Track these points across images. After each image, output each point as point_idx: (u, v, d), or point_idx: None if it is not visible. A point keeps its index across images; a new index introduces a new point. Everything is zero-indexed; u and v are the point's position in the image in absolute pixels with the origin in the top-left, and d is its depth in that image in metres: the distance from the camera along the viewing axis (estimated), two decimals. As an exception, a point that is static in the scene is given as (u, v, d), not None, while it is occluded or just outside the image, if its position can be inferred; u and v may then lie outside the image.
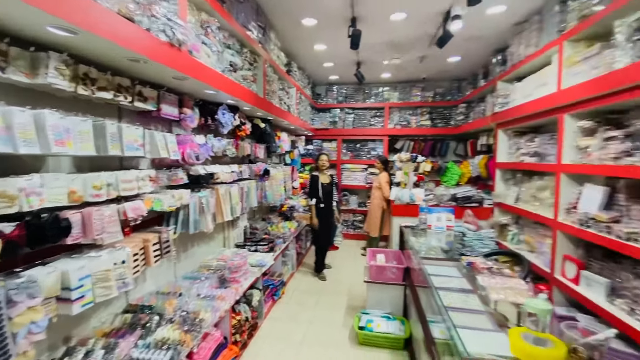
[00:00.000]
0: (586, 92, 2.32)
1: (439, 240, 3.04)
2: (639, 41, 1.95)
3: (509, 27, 3.61)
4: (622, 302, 2.09)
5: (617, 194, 2.31)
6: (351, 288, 3.91)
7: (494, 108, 4.10)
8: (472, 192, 4.43)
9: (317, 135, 6.38)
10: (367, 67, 5.19)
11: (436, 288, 1.72)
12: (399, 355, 2.58)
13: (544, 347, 1.09)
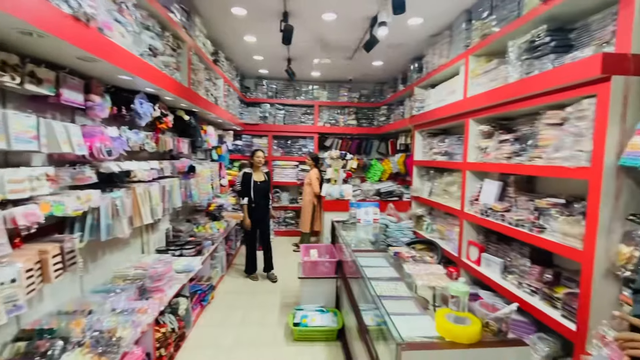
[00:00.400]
0: (485, 101, 2.71)
1: (367, 232, 3.24)
2: (526, 60, 2.35)
3: (425, 38, 4.01)
4: (512, 278, 2.51)
5: (508, 187, 2.78)
6: (284, 285, 3.90)
7: (411, 111, 4.52)
8: (393, 187, 4.82)
9: (247, 131, 6.16)
10: (298, 64, 5.20)
11: (369, 278, 1.82)
12: (333, 346, 2.68)
13: (463, 324, 1.25)
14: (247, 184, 4.03)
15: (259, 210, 4.08)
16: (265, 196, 4.13)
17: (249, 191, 4.00)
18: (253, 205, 4.03)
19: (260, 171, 4.15)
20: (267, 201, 4.16)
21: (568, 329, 1.88)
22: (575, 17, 2.14)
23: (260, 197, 4.05)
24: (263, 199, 4.09)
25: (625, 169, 1.68)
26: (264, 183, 4.13)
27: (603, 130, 1.70)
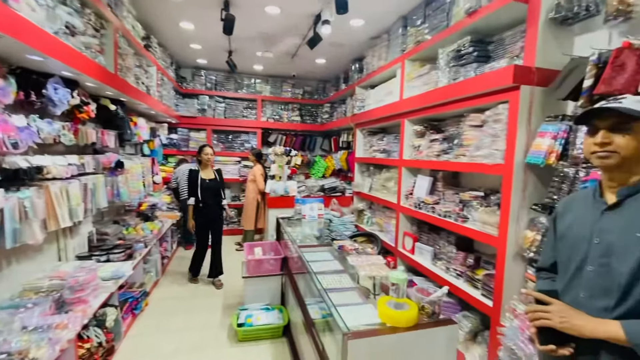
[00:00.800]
0: (419, 103, 2.93)
1: (312, 228, 3.28)
2: (453, 67, 2.60)
3: (366, 40, 4.18)
4: (441, 264, 2.78)
5: (438, 182, 3.06)
6: (227, 286, 3.77)
7: (353, 110, 4.69)
8: (336, 183, 4.97)
9: (183, 124, 5.76)
10: (239, 56, 5.01)
11: (315, 273, 1.86)
12: (279, 343, 2.67)
13: (402, 309, 1.35)
14: (194, 182, 3.71)
15: (209, 211, 3.77)
16: (216, 195, 3.83)
17: (195, 190, 3.69)
18: (201, 205, 3.72)
19: (209, 169, 3.84)
20: (218, 200, 3.85)
21: (486, 306, 2.16)
22: (493, 32, 2.44)
23: (210, 196, 3.75)
24: (213, 198, 3.79)
25: (530, 166, 1.97)
26: (214, 181, 3.82)
27: (514, 132, 1.97)
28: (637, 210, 0.95)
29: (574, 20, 1.89)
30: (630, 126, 0.94)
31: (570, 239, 1.09)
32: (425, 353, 1.32)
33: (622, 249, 0.94)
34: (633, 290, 0.90)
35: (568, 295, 1.05)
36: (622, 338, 0.87)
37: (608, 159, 0.96)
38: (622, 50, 1.53)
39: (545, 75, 1.94)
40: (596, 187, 1.09)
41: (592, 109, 0.99)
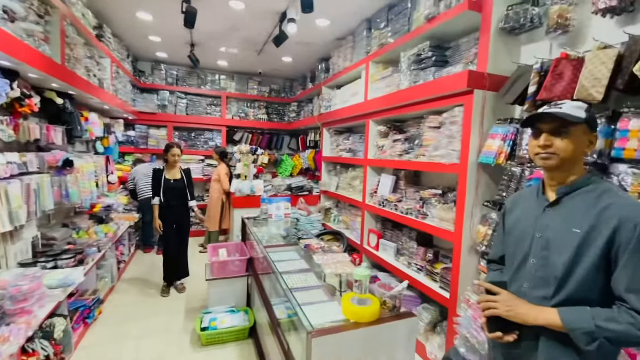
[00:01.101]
0: (383, 104, 3.02)
1: (279, 227, 3.26)
2: (414, 71, 2.70)
3: (332, 40, 4.21)
4: (403, 259, 2.89)
5: (400, 181, 3.17)
6: (190, 289, 3.63)
7: (319, 109, 4.72)
8: (303, 182, 4.97)
9: (142, 120, 5.44)
10: (202, 51, 4.84)
11: (280, 272, 1.85)
12: (244, 344, 2.63)
13: (365, 305, 1.38)
14: (157, 182, 3.52)
15: (174, 212, 3.55)
16: (182, 196, 3.60)
17: (158, 190, 3.49)
18: (165, 207, 3.51)
19: (175, 169, 3.61)
20: (183, 202, 3.62)
21: (444, 297, 2.28)
22: (450, 38, 2.57)
23: (174, 197, 3.53)
24: (178, 200, 3.56)
25: (482, 165, 2.11)
26: (179, 182, 3.58)
27: (468, 133, 2.10)
28: (573, 208, 1.03)
29: (521, 30, 2.05)
30: (568, 130, 1.00)
31: (516, 233, 1.16)
32: (387, 346, 1.37)
33: (559, 243, 1.01)
34: (568, 280, 0.98)
35: (514, 285, 1.12)
36: (558, 324, 0.95)
37: (549, 160, 1.03)
38: (561, 61, 1.69)
39: (496, 81, 2.08)
40: (539, 185, 1.17)
41: (535, 114, 1.07)
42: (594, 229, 0.95)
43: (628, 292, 0.90)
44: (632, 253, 0.90)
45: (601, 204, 0.97)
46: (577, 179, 1.05)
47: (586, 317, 0.92)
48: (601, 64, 1.50)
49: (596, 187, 1.02)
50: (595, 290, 0.96)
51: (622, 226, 0.91)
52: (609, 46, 1.53)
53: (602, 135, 1.50)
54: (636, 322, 0.87)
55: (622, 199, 0.96)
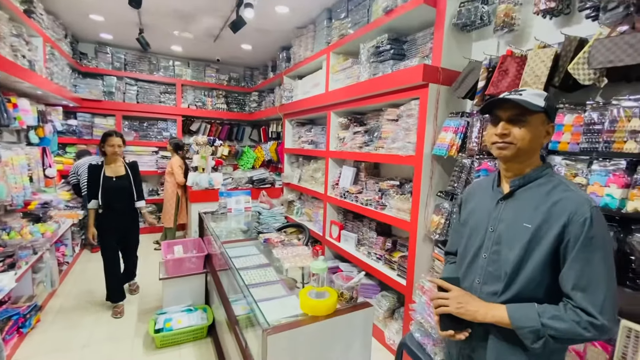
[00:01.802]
0: (343, 95, 3.01)
1: (239, 222, 3.17)
2: (373, 63, 2.71)
3: (292, 29, 4.11)
4: (363, 249, 2.95)
5: (361, 172, 3.21)
6: (143, 290, 3.42)
7: (281, 100, 4.62)
8: (265, 174, 4.87)
9: (85, 108, 4.96)
10: (153, 34, 4.49)
11: (237, 269, 1.79)
12: (203, 344, 2.53)
13: (322, 298, 1.38)
14: (95, 181, 2.84)
15: (117, 217, 2.92)
16: (127, 197, 2.98)
17: (96, 191, 2.83)
18: (106, 211, 2.87)
19: (118, 163, 2.95)
20: (130, 204, 3.01)
21: (401, 285, 2.36)
22: (407, 31, 2.61)
23: (118, 198, 2.90)
24: (122, 201, 2.94)
25: (436, 157, 2.18)
26: (123, 180, 2.93)
27: (423, 126, 2.16)
28: (525, 201, 0.99)
29: (472, 27, 2.13)
30: (526, 119, 0.95)
31: (470, 226, 1.13)
32: (345, 337, 1.38)
33: (510, 238, 0.98)
34: (518, 276, 0.96)
35: (467, 280, 1.10)
36: (506, 321, 0.93)
37: (505, 150, 0.98)
38: (506, 58, 1.77)
39: (449, 75, 2.15)
40: (495, 176, 1.12)
41: (495, 100, 1.00)
42: (545, 223, 0.93)
43: (575, 289, 0.88)
44: (580, 249, 0.88)
45: (552, 199, 0.94)
46: (531, 171, 1.01)
47: (533, 315, 0.90)
48: (541, 62, 1.60)
49: (548, 180, 0.99)
50: (544, 286, 0.95)
51: (571, 222, 0.89)
52: (548, 45, 1.63)
53: (541, 129, 1.61)
54: (581, 321, 0.85)
55: (573, 194, 0.93)
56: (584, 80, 1.44)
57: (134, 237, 3.21)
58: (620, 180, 1.32)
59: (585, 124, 1.45)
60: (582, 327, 0.86)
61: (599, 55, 1.34)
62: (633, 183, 1.29)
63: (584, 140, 1.45)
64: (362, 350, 1.42)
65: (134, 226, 3.16)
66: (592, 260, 0.88)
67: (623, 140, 1.31)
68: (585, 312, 0.86)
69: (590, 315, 0.86)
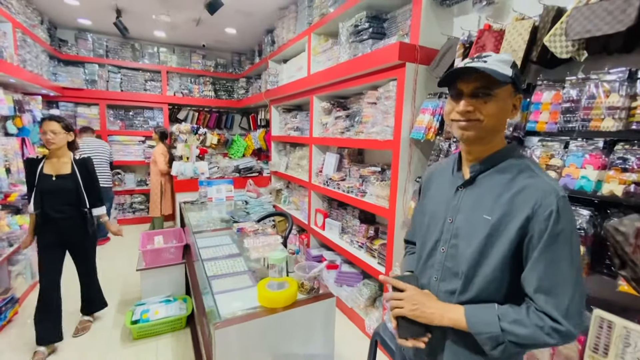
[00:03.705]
0: (324, 78, 2.89)
1: (220, 211, 3.10)
2: (353, 43, 2.58)
3: (275, 10, 3.94)
4: (347, 237, 2.88)
5: (344, 159, 3.12)
6: (126, 281, 3.38)
7: (266, 85, 4.48)
8: (252, 163, 4.78)
9: (67, 97, 4.83)
10: (133, 19, 4.33)
11: (203, 260, 1.73)
12: (181, 334, 2.50)
13: (282, 289, 1.31)
14: (30, 180, 2.20)
15: (57, 228, 2.23)
16: (72, 202, 2.25)
17: (31, 193, 2.19)
18: (43, 218, 2.21)
19: (61, 158, 2.24)
20: (76, 211, 2.27)
21: (381, 273, 2.30)
22: (387, 9, 2.47)
23: (58, 203, 2.20)
24: (65, 208, 2.23)
25: (414, 141, 2.09)
26: (66, 180, 2.22)
27: (400, 108, 2.05)
28: (487, 189, 0.87)
29: (452, 1, 2.00)
30: (493, 92, 0.81)
31: (429, 215, 1.00)
32: (304, 329, 1.32)
33: (468, 231, 0.87)
34: (476, 275, 0.85)
35: (424, 276, 0.98)
36: (463, 325, 0.83)
37: (468, 130, 0.85)
38: (484, 32, 1.66)
39: (428, 54, 2.03)
40: (455, 159, 0.98)
41: (456, 69, 0.84)
42: (506, 216, 0.81)
43: (537, 292, 0.78)
44: (545, 247, 0.77)
45: (516, 186, 0.82)
46: (495, 153, 0.88)
47: (492, 320, 0.80)
48: (518, 36, 1.49)
49: (513, 163, 0.86)
50: (506, 285, 0.84)
51: (535, 214, 0.78)
52: (526, 17, 1.52)
53: (517, 108, 1.51)
54: (545, 326, 0.76)
55: (539, 180, 0.82)
56: (562, 53, 1.33)
57: (83, 255, 2.44)
58: (596, 161, 1.23)
59: (564, 101, 1.35)
60: (545, 332, 0.77)
61: (576, 25, 1.23)
62: (609, 164, 1.20)
63: (562, 120, 1.35)
64: (324, 342, 1.37)
65: (83, 241, 2.38)
66: (557, 259, 0.78)
67: (600, 118, 1.21)
68: (549, 316, 0.77)
69: (555, 320, 0.76)
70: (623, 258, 1.13)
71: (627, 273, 1.15)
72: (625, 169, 1.14)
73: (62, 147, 2.24)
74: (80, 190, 2.28)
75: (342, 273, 2.90)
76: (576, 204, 1.33)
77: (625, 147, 1.17)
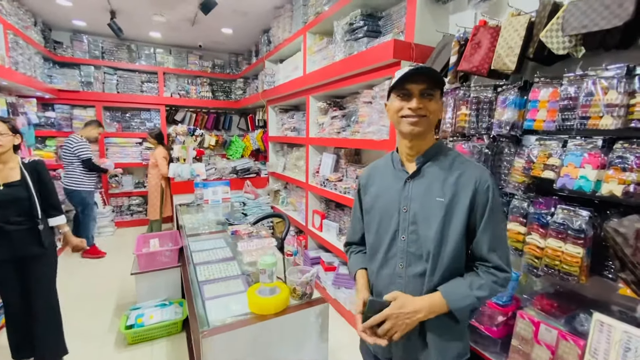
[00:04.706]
0: (319, 78, 2.85)
1: (216, 213, 3.07)
2: (348, 42, 2.55)
3: (270, 9, 3.91)
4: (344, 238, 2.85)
5: (341, 159, 3.08)
6: (124, 284, 3.35)
7: (263, 85, 4.44)
8: (249, 164, 4.75)
9: (63, 99, 4.81)
10: (128, 20, 4.30)
11: (195, 264, 1.70)
12: (177, 338, 2.47)
13: (273, 295, 1.28)
14: None
15: (8, 244, 1.88)
16: (24, 213, 1.92)
17: None
18: None
19: (7, 164, 1.90)
20: (30, 222, 1.94)
21: (378, 275, 2.26)
22: (382, 6, 2.43)
23: (10, 213, 1.88)
24: (15, 219, 1.89)
25: (410, 141, 2.04)
26: (16, 188, 1.89)
27: (395, 108, 2.01)
28: (433, 176, 0.99)
29: (447, -2, 1.96)
30: (434, 92, 0.96)
31: (379, 210, 1.07)
32: (297, 336, 1.29)
33: (426, 214, 0.97)
34: (442, 252, 0.95)
35: (387, 267, 1.03)
36: (445, 308, 0.93)
37: (418, 125, 0.95)
38: (479, 29, 1.62)
39: (424, 52, 1.99)
40: (392, 156, 1.10)
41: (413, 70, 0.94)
42: (455, 196, 0.96)
43: (490, 251, 0.94)
44: (489, 214, 0.94)
45: (456, 171, 0.98)
46: (431, 148, 1.02)
47: (466, 292, 0.93)
48: (514, 32, 1.45)
49: (447, 153, 1.02)
50: (464, 256, 0.98)
51: (477, 190, 0.95)
52: (522, 13, 1.48)
53: (514, 106, 1.47)
54: (499, 279, 0.94)
55: (471, 164, 1.00)
56: (558, 49, 1.29)
57: (41, 273, 2.01)
58: (595, 160, 1.20)
59: (562, 98, 1.31)
60: (500, 284, 0.94)
61: (573, 20, 1.19)
62: (609, 163, 1.16)
63: (560, 118, 1.32)
64: (318, 349, 1.33)
65: (40, 255, 1.98)
66: (497, 221, 0.96)
67: (599, 116, 1.17)
68: (500, 269, 0.94)
69: (504, 271, 0.95)
70: (623, 260, 1.10)
71: (627, 276, 1.11)
72: (624, 168, 1.11)
73: (8, 152, 1.91)
74: (32, 198, 1.94)
75: (340, 275, 2.87)
76: (575, 204, 1.30)
77: (625, 146, 1.14)
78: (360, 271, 1.14)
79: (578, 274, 1.25)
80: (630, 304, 1.28)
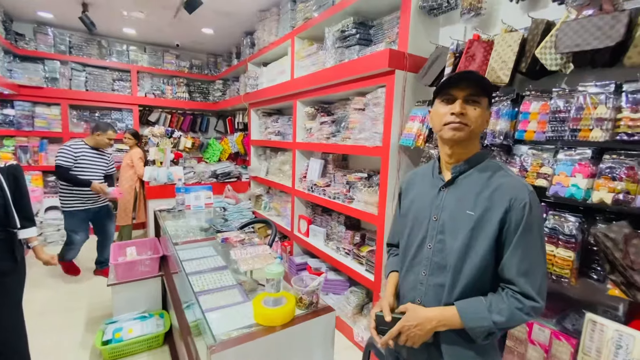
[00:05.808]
0: (308, 83, 2.85)
1: (199, 219, 2.95)
2: (339, 48, 2.56)
3: (255, 12, 3.85)
4: (332, 244, 2.84)
5: (329, 165, 3.08)
6: (94, 296, 3.12)
7: (245, 88, 4.36)
8: (230, 167, 4.63)
9: (24, 95, 4.42)
10: (100, 13, 4.06)
11: (187, 274, 1.61)
12: (159, 352, 2.33)
13: (279, 305, 1.24)
14: None
15: None
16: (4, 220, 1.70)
17: None
18: None
19: None
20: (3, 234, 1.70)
21: (369, 280, 2.28)
22: (374, 15, 2.48)
23: None
24: None
25: (403, 147, 2.09)
26: None
27: (390, 115, 2.05)
28: (467, 188, 0.96)
29: (439, 11, 2.03)
30: (480, 100, 0.93)
31: (412, 216, 1.07)
32: (304, 347, 1.25)
33: (454, 226, 0.95)
34: (464, 266, 0.93)
35: (412, 272, 1.04)
36: (458, 324, 0.91)
37: (460, 130, 0.93)
38: (473, 42, 1.69)
39: (416, 62, 2.05)
40: (434, 163, 1.08)
41: (458, 74, 0.93)
42: (487, 211, 0.91)
43: (519, 275, 0.88)
44: (522, 235, 0.87)
45: (493, 185, 0.93)
46: (472, 157, 0.99)
47: (484, 314, 0.88)
48: (507, 47, 1.53)
49: (488, 165, 0.98)
50: (489, 274, 0.93)
51: (512, 207, 0.88)
52: (515, 30, 1.56)
53: (507, 117, 1.55)
54: (524, 307, 0.87)
55: (512, 179, 0.94)
56: (551, 65, 1.38)
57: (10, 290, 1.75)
58: (585, 170, 1.28)
59: (552, 111, 1.40)
60: (525, 312, 0.87)
61: (566, 39, 1.28)
62: (598, 173, 1.25)
63: (550, 129, 1.40)
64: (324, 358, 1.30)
65: (7, 275, 1.72)
66: (531, 244, 0.89)
67: (589, 128, 1.26)
68: (527, 296, 0.87)
69: (532, 299, 0.87)
70: (614, 263, 1.18)
71: (617, 278, 1.19)
72: (614, 177, 1.19)
73: None
74: (9, 206, 1.71)
75: (328, 281, 2.85)
76: (565, 210, 1.38)
77: (613, 157, 1.23)
78: (392, 274, 1.17)
79: (569, 276, 1.33)
80: (613, 304, 1.38)
